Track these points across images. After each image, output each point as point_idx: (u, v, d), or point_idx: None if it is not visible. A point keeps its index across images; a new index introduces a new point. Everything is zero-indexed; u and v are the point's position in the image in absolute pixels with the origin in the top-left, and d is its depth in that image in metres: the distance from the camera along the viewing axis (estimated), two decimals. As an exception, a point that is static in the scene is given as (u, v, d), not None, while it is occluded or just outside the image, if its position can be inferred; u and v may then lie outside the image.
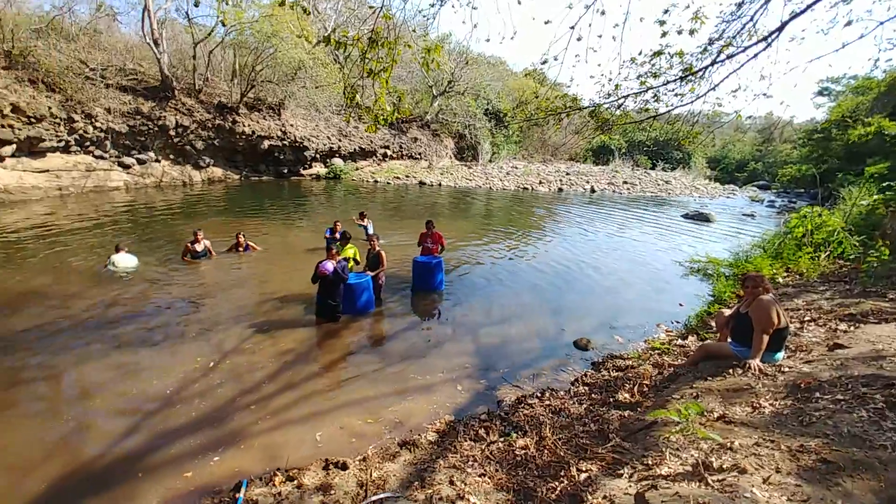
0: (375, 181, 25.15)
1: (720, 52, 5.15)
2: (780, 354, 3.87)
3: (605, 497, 2.26)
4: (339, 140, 26.10)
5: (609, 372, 4.96)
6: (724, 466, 2.16)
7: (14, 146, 14.60)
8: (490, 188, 24.96)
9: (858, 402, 2.73)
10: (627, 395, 4.03)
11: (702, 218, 16.88)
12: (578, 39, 4.55)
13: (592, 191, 25.65)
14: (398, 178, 26.14)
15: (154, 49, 18.67)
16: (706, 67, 5.24)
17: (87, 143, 17.01)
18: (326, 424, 4.07)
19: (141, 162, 18.89)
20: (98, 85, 17.44)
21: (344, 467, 3.31)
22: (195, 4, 18.97)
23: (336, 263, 5.94)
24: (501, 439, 3.58)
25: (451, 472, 3.10)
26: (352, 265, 7.06)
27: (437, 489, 2.86)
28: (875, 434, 2.34)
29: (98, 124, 16.95)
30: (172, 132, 19.45)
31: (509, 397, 4.59)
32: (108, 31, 20.94)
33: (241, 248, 9.23)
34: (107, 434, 3.83)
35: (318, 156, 25.17)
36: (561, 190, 25.59)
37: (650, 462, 2.50)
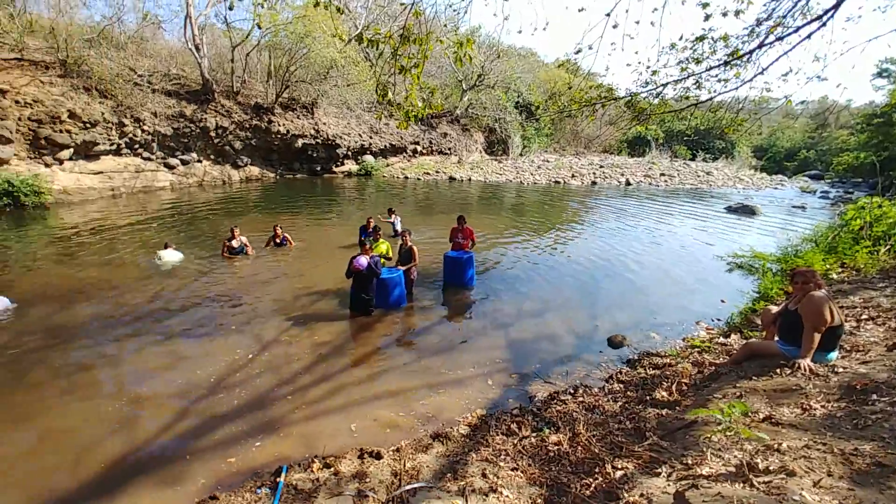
0: (406, 177, 25.36)
1: (769, 34, 4.85)
2: (834, 354, 3.64)
3: (642, 495, 2.21)
4: (370, 137, 26.47)
5: (645, 370, 4.82)
6: (771, 468, 2.06)
7: (71, 150, 15.67)
8: (521, 182, 24.66)
9: (921, 405, 2.54)
10: (665, 394, 3.90)
11: (746, 210, 16.04)
12: (615, 27, 4.41)
13: (627, 183, 24.88)
14: (428, 174, 26.25)
15: (195, 54, 19.52)
16: (753, 50, 4.95)
17: (136, 146, 18.02)
18: (360, 415, 4.17)
19: (184, 162, 19.84)
20: (145, 90, 18.42)
21: (378, 457, 3.39)
22: (229, 8, 19.66)
23: (369, 259, 6.05)
24: (534, 434, 3.56)
25: (483, 465, 3.11)
26: (384, 261, 7.17)
27: (470, 481, 2.88)
28: (940, 439, 2.17)
29: (146, 128, 17.93)
30: (213, 133, 20.32)
31: (541, 393, 4.55)
32: (153, 38, 22.03)
33: (277, 239, 9.57)
34: (158, 418, 4.08)
35: (349, 153, 25.63)
36: (594, 183, 24.96)
37: (690, 462, 2.42)
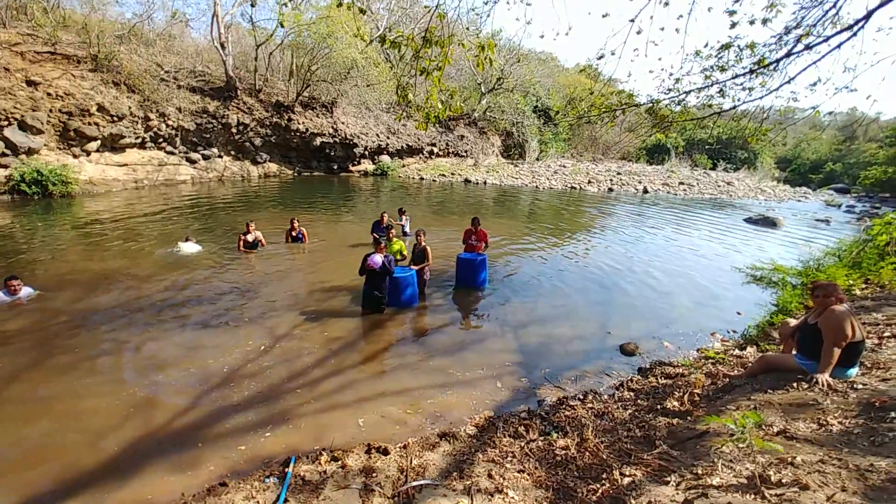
0: (421, 178, 25.47)
1: (797, 42, 4.76)
2: (854, 370, 3.55)
3: (650, 503, 2.19)
4: (388, 137, 26.66)
5: (657, 379, 4.76)
6: (784, 481, 2.02)
7: (99, 142, 16.15)
8: (537, 187, 24.56)
9: (944, 425, 2.46)
10: (676, 404, 3.85)
11: (767, 222, 15.69)
12: (638, 33, 4.39)
13: (645, 191, 24.57)
14: (444, 175, 26.32)
15: (221, 52, 19.96)
16: (780, 59, 4.87)
17: (160, 140, 18.49)
18: (369, 411, 4.21)
19: (206, 157, 20.27)
20: (171, 86, 18.89)
21: (385, 453, 3.42)
22: (252, 5, 20.01)
23: (384, 257, 6.11)
24: (541, 438, 3.55)
25: (489, 465, 3.11)
26: (398, 258, 7.22)
27: (476, 481, 2.89)
28: (963, 461, 2.11)
29: (170, 122, 18.38)
30: (234, 129, 20.73)
31: (550, 397, 4.53)
32: (181, 36, 22.61)
33: (294, 232, 9.77)
34: (174, 404, 4.18)
35: (366, 153, 25.86)
36: (611, 190, 24.71)
37: (700, 472, 2.39)
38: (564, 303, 7.27)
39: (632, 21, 4.33)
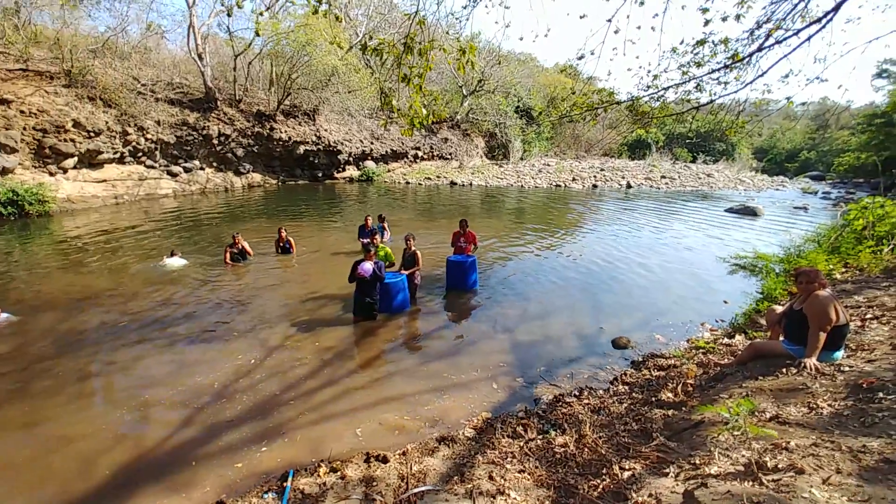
0: (407, 182, 25.44)
1: (768, 37, 4.89)
2: (839, 353, 3.64)
3: (650, 495, 2.21)
4: (372, 143, 26.60)
5: (650, 371, 4.81)
6: (780, 466, 2.06)
7: (76, 158, 15.79)
8: (522, 186, 24.72)
9: (929, 403, 2.54)
10: (671, 395, 3.90)
11: (748, 212, 16.03)
12: (616, 32, 4.45)
13: (628, 186, 24.92)
14: (429, 178, 26.33)
15: (198, 63, 19.70)
16: (753, 53, 4.99)
17: (140, 154, 18.15)
18: (366, 419, 4.17)
19: (187, 170, 19.96)
20: (149, 99, 18.58)
21: (385, 460, 3.39)
22: (228, 15, 19.85)
23: (374, 264, 6.08)
24: (540, 437, 3.56)
25: (489, 467, 3.11)
26: (386, 265, 7.17)
27: (477, 483, 2.88)
28: (948, 437, 2.17)
29: (149, 136, 18.06)
30: (215, 141, 20.46)
31: (547, 396, 4.55)
32: (156, 48, 22.26)
33: (282, 242, 9.71)
34: (164, 424, 4.09)
35: (351, 159, 25.75)
36: (595, 186, 25.00)
37: (698, 461, 2.42)
38: (556, 300, 7.32)
39: (609, 21, 4.40)
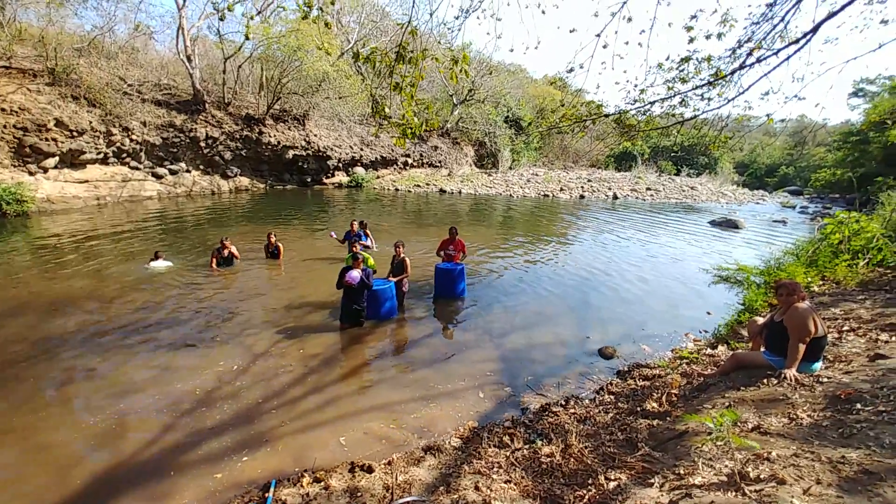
0: (396, 189, 25.44)
1: (749, 55, 5.05)
2: (818, 364, 3.72)
3: (635, 506, 2.22)
4: (361, 149, 26.58)
5: (635, 381, 4.86)
6: (762, 476, 2.09)
7: (57, 158, 15.44)
8: (510, 195, 24.91)
9: (903, 414, 2.61)
10: (655, 405, 3.94)
11: (730, 224, 16.40)
12: (604, 47, 4.56)
13: (615, 197, 25.29)
14: (419, 186, 26.38)
15: (187, 65, 19.51)
16: (735, 71, 5.14)
17: (124, 155, 17.83)
18: (351, 428, 4.12)
19: (173, 172, 19.66)
20: (135, 100, 18.31)
21: (370, 470, 3.35)
22: (220, 18, 19.76)
23: (362, 272, 6.04)
24: (526, 446, 3.56)
25: (476, 477, 3.09)
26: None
27: (463, 494, 2.86)
28: (922, 447, 2.24)
29: (134, 137, 17.77)
30: (203, 143, 20.21)
31: (533, 405, 4.55)
32: (144, 48, 21.99)
33: (271, 247, 9.63)
34: (143, 433, 3.98)
35: (340, 165, 25.68)
36: (583, 196, 25.33)
37: (682, 471, 2.44)
38: (543, 309, 7.36)
39: (598, 36, 4.50)
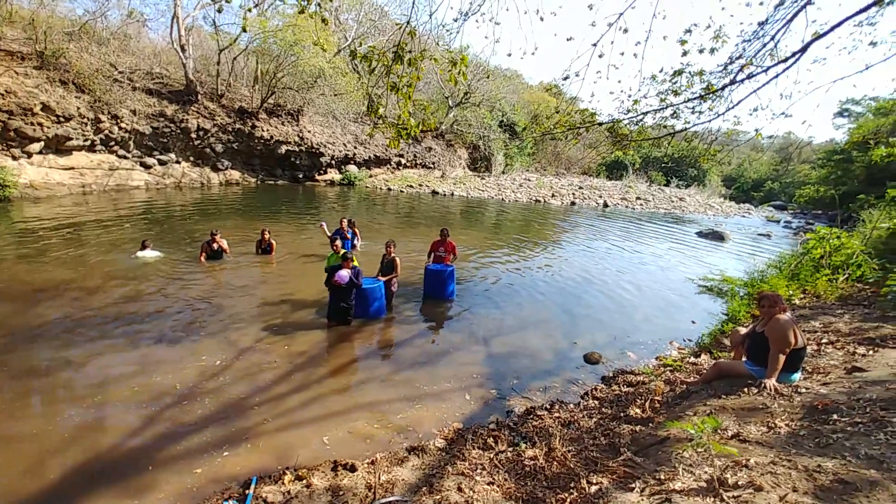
0: (389, 189, 25.38)
1: (740, 71, 5.16)
2: (797, 375, 3.81)
3: (616, 510, 2.25)
4: (355, 147, 26.46)
5: (620, 387, 4.92)
6: (740, 483, 2.14)
7: (42, 143, 15.10)
8: (502, 199, 25.01)
9: (876, 425, 2.68)
10: (639, 411, 3.99)
11: (716, 236, 16.69)
12: (600, 56, 4.62)
13: (605, 205, 25.56)
14: (411, 186, 26.35)
15: (181, 54, 19.25)
16: (726, 86, 5.25)
17: (112, 143, 17.51)
18: (335, 426, 4.10)
19: (162, 163, 19.36)
20: (125, 87, 17.99)
21: (353, 469, 3.33)
22: (218, 10, 19.54)
23: (350, 271, 6.02)
24: (510, 449, 3.57)
25: (459, 478, 3.10)
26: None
27: (445, 495, 2.86)
28: (893, 457, 2.30)
29: (123, 125, 17.46)
30: (194, 135, 19.94)
31: (518, 408, 4.57)
32: (137, 36, 21.64)
33: (264, 244, 9.50)
34: (121, 426, 3.90)
35: (333, 162, 25.53)
36: (573, 203, 25.54)
37: (663, 477, 2.48)
38: (531, 314, 7.40)
39: (594, 45, 4.56)
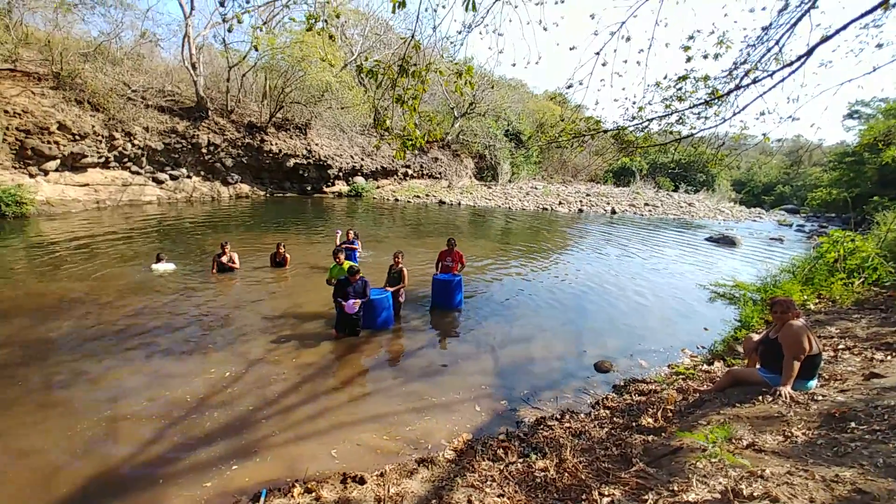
0: (396, 200, 25.53)
1: (745, 76, 5.15)
2: (813, 382, 3.72)
3: (629, 522, 2.21)
4: (362, 159, 26.72)
5: (631, 396, 4.84)
6: (755, 494, 2.08)
7: (58, 161, 15.49)
8: (510, 208, 25.02)
9: (895, 432, 2.61)
10: (651, 420, 3.92)
11: (727, 241, 16.48)
12: (604, 65, 4.63)
13: (613, 212, 25.42)
14: (418, 196, 26.48)
15: (192, 72, 19.71)
16: (731, 91, 5.23)
17: (125, 160, 17.89)
18: (344, 439, 4.09)
19: (173, 178, 19.72)
20: (138, 105, 18.44)
21: (362, 482, 3.31)
22: (228, 30, 20.02)
23: (359, 281, 6.07)
24: (520, 460, 3.53)
25: (469, 491, 3.06)
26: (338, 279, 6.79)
27: (456, 508, 2.83)
28: (916, 467, 2.23)
29: (136, 142, 17.86)
30: (204, 150, 20.31)
31: (528, 418, 4.52)
32: (150, 55, 22.21)
33: (279, 258, 9.59)
34: (133, 439, 3.93)
35: (341, 174, 25.77)
36: (581, 211, 25.45)
37: (676, 488, 2.43)
38: (540, 322, 7.35)
39: (597, 54, 4.59)
